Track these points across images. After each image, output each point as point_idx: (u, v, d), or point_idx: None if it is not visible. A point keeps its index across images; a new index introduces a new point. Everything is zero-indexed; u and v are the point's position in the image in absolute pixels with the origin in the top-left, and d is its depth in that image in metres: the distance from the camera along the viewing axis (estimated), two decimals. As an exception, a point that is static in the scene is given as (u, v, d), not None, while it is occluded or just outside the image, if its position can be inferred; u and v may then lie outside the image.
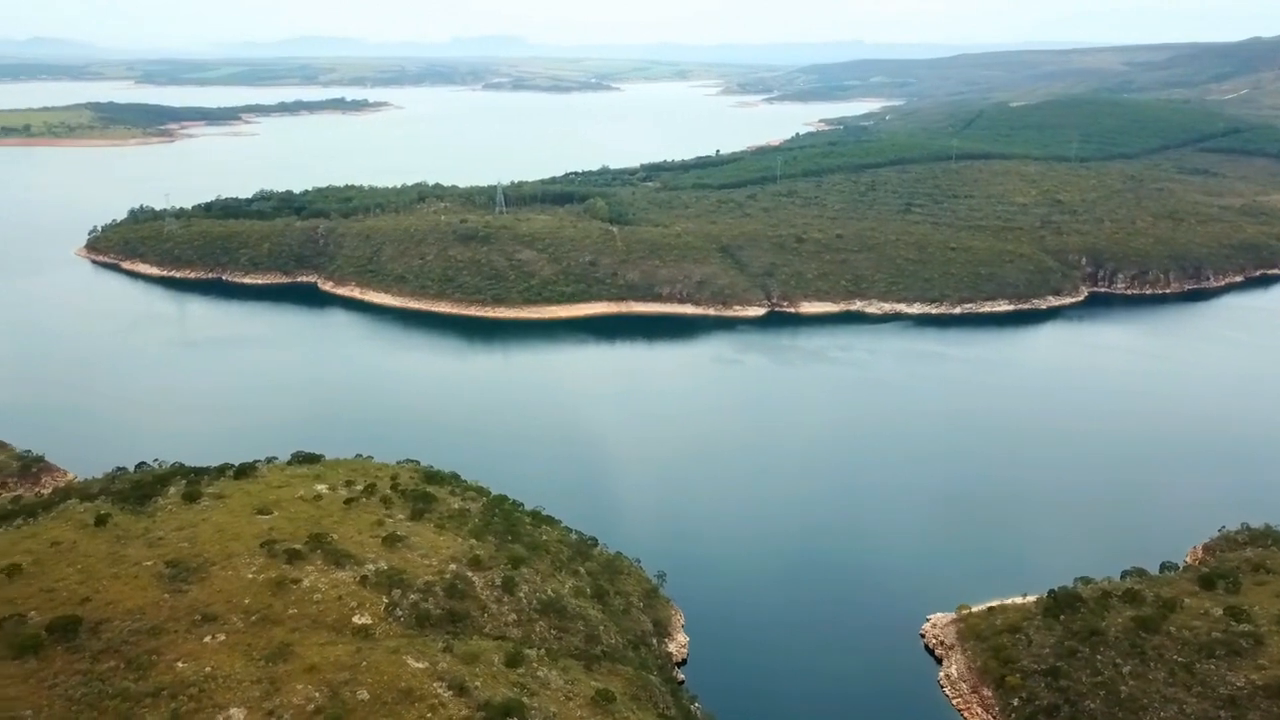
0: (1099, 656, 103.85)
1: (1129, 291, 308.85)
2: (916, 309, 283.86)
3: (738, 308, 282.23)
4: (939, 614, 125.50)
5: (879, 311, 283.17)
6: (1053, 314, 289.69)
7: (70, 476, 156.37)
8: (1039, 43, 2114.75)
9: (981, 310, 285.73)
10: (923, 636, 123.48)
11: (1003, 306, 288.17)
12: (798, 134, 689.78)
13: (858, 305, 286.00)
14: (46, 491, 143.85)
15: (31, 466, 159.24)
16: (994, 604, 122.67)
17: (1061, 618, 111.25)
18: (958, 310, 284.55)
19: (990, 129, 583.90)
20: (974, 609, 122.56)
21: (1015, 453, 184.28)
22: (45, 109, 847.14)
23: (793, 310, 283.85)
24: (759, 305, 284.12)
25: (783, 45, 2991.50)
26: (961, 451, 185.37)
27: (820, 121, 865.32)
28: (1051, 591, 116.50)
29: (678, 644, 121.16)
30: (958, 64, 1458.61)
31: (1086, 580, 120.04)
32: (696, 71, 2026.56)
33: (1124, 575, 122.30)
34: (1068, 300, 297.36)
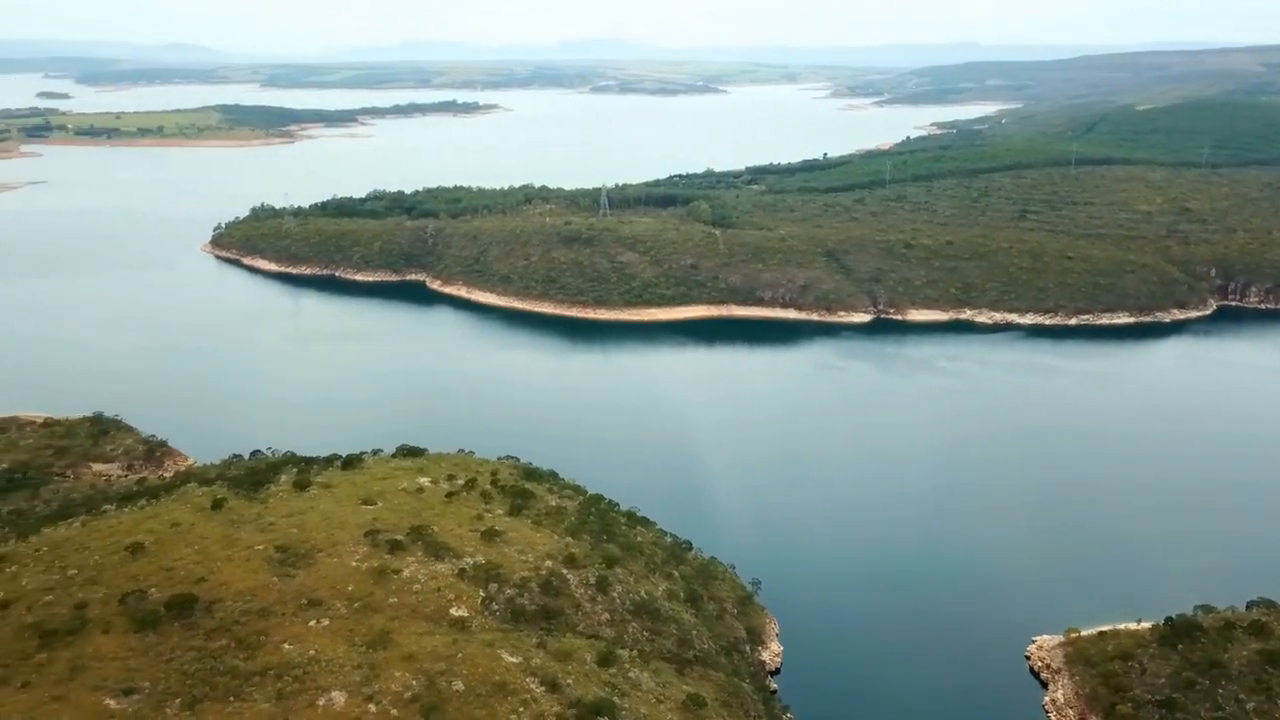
0: (1220, 690, 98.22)
1: (1262, 305, 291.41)
2: (1029, 319, 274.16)
3: (842, 314, 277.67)
4: (1045, 636, 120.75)
5: (989, 321, 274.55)
6: (1177, 328, 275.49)
7: (190, 461, 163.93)
8: (1168, 43, 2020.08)
9: (1099, 322, 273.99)
10: (1028, 658, 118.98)
11: (1122, 319, 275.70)
12: (908, 138, 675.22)
13: (967, 314, 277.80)
14: (168, 475, 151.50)
15: (155, 450, 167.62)
16: (1105, 628, 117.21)
17: (1179, 647, 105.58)
18: (1073, 322, 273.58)
19: (1114, 133, 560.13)
20: (1083, 632, 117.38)
21: (1133, 471, 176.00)
22: (177, 111, 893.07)
23: (899, 318, 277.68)
24: (864, 311, 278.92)
25: (895, 47, 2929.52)
26: (1075, 467, 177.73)
27: (932, 125, 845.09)
28: (1169, 619, 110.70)
29: (771, 652, 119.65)
30: (1079, 66, 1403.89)
31: (1207, 609, 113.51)
32: (805, 74, 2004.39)
33: (1250, 605, 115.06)
34: (1194, 314, 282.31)
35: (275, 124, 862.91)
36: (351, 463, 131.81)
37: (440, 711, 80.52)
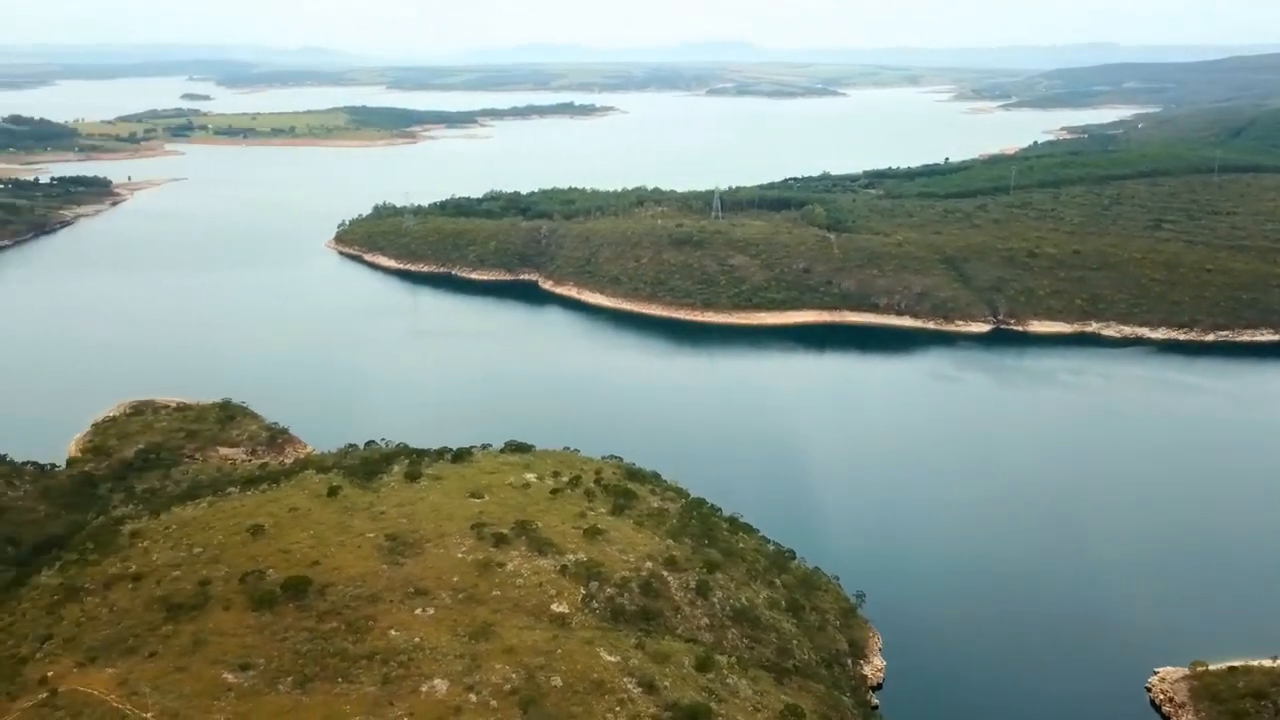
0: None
1: None
2: (1161, 334, 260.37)
3: (960, 323, 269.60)
4: (1169, 668, 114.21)
5: (1117, 335, 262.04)
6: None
7: (309, 449, 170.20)
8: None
9: (1239, 339, 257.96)
10: (1149, 690, 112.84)
11: (1265, 336, 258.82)
12: (1035, 142, 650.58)
13: (1093, 327, 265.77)
14: (288, 461, 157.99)
15: (277, 438, 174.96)
16: (1235, 664, 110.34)
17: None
18: (1210, 338, 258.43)
19: (1263, 139, 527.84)
20: (1211, 666, 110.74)
21: (1271, 498, 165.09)
22: (308, 112, 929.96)
23: (1020, 328, 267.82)
24: (983, 321, 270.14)
25: (1025, 48, 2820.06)
26: (1208, 492, 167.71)
27: (1062, 129, 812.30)
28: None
29: (873, 667, 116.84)
30: (1227, 67, 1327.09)
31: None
32: (928, 76, 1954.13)
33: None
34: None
35: (399, 125, 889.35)
36: (461, 456, 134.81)
37: (538, 706, 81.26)
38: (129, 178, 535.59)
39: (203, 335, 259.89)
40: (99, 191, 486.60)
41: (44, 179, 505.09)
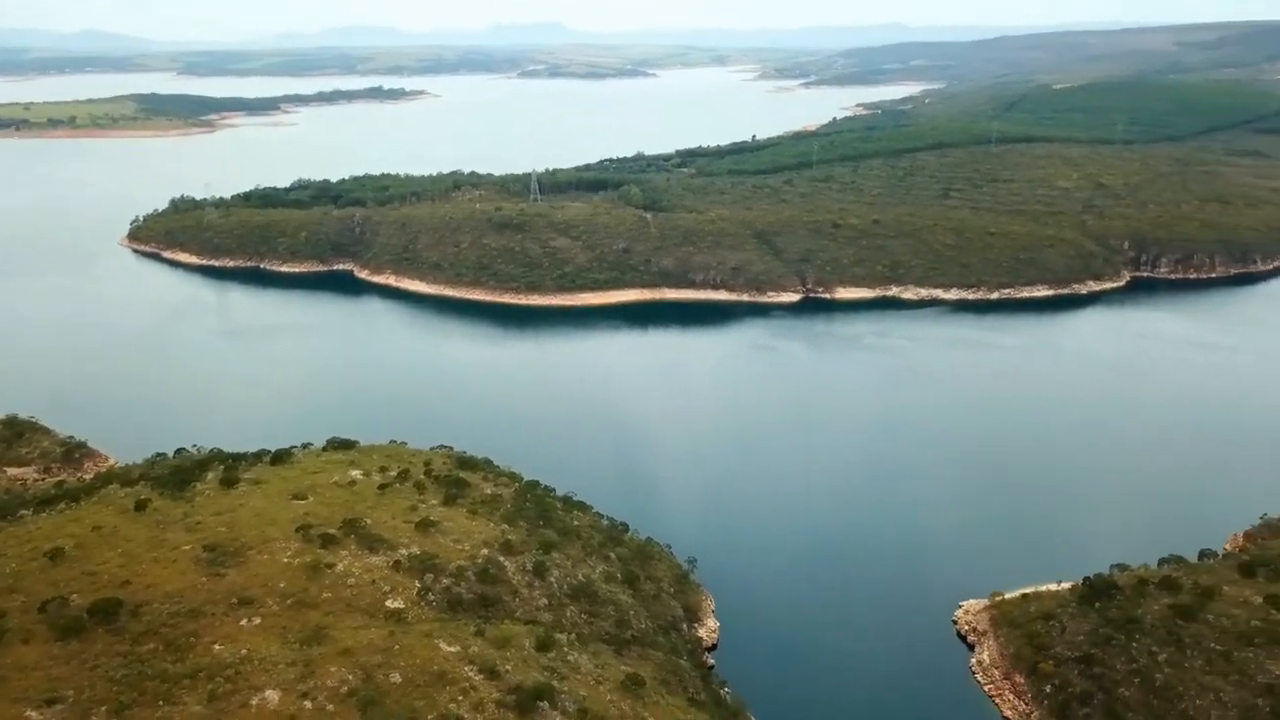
0: (1135, 644, 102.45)
1: (1172, 276, 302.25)
2: (953, 295, 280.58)
3: (772, 294, 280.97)
4: (971, 601, 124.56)
5: (915, 297, 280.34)
6: (1093, 299, 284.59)
7: (111, 462, 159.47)
8: (1088, 23, 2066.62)
9: (1020, 296, 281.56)
10: (955, 623, 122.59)
11: (1041, 292, 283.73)
12: (835, 119, 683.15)
13: (894, 291, 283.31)
14: (88, 477, 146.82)
15: (74, 452, 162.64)
16: (1028, 591, 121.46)
17: (1097, 605, 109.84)
18: (995, 296, 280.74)
19: (1033, 112, 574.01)
20: (1007, 596, 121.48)
21: (1052, 440, 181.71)
22: (90, 101, 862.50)
23: (828, 296, 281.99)
24: (794, 291, 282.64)
25: (822, 29, 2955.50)
26: (997, 439, 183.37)
27: (858, 106, 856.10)
28: (1087, 579, 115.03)
29: (708, 629, 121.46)
30: (1001, 46, 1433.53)
31: (1123, 568, 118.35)
32: (734, 57, 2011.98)
33: (1161, 563, 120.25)
34: (1109, 285, 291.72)
35: (194, 113, 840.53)
36: (281, 458, 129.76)
37: (378, 704, 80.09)
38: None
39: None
40: None
41: None
